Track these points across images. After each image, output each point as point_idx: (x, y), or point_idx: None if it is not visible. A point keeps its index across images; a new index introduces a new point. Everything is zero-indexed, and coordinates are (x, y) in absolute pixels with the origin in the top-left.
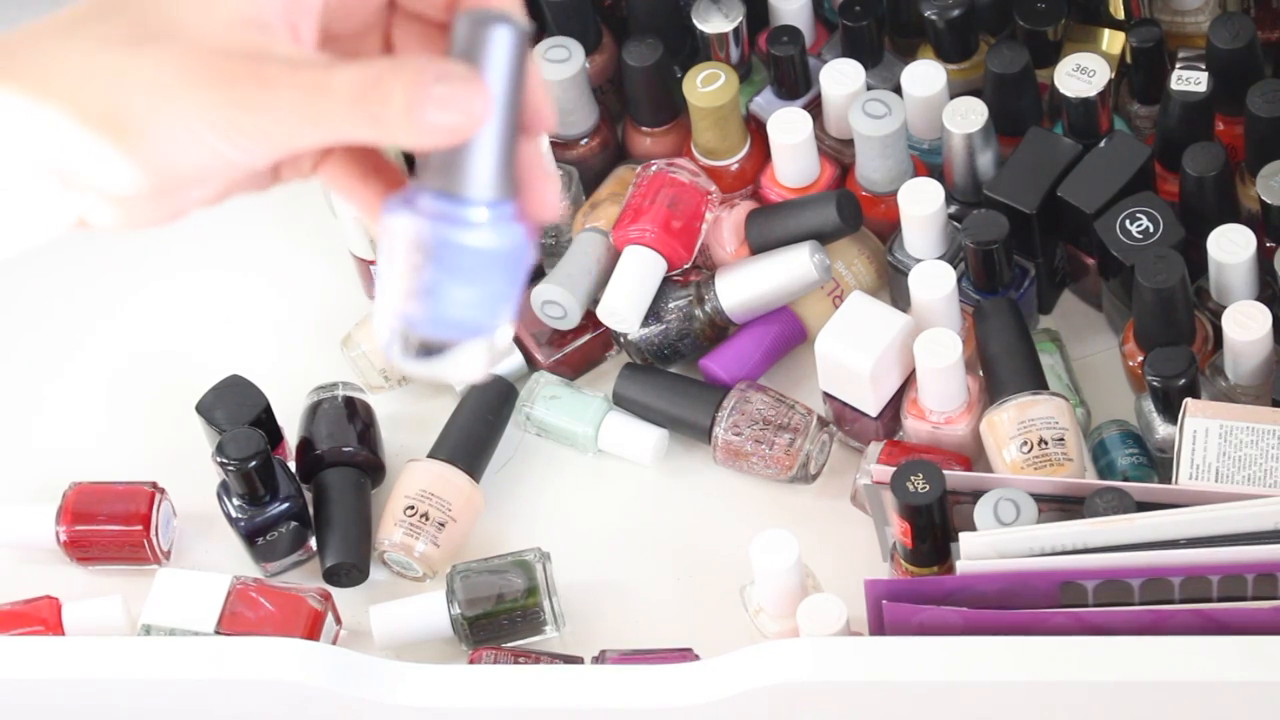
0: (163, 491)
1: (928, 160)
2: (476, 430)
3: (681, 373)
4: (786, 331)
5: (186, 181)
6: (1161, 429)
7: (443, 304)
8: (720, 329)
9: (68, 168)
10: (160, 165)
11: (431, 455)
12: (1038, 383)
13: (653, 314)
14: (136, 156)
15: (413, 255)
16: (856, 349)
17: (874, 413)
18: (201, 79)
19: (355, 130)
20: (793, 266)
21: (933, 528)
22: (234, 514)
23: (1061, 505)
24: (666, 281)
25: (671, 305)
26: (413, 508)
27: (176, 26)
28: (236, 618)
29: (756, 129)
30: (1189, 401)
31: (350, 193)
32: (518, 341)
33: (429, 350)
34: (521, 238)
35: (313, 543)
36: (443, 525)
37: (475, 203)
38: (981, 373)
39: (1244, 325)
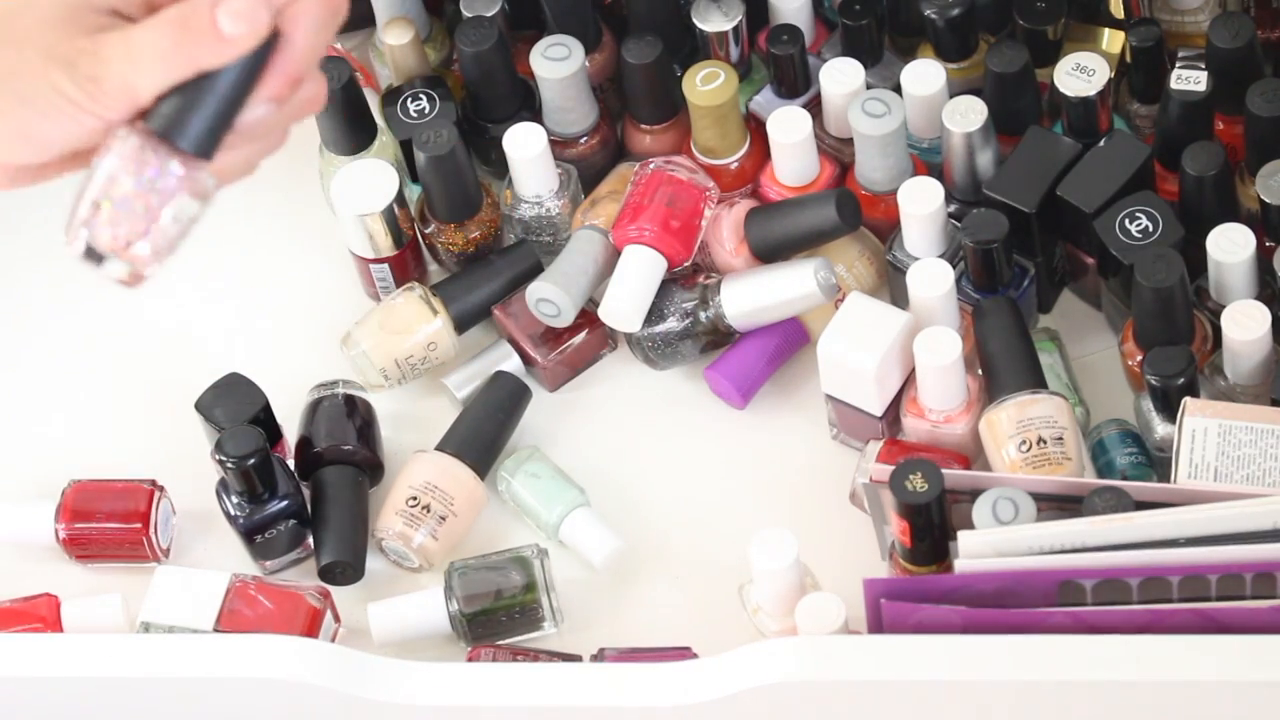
0: (162, 489)
1: (927, 159)
2: (486, 428)
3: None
4: (790, 336)
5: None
6: (1160, 428)
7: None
8: (724, 334)
9: None
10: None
11: (439, 448)
12: (1037, 382)
13: (656, 313)
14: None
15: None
16: (860, 349)
17: (879, 412)
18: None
19: (179, 53)
20: (798, 285)
21: (931, 527)
22: (233, 512)
23: (1060, 504)
24: (673, 282)
25: (676, 306)
26: (415, 499)
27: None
28: (235, 615)
29: (756, 128)
30: (1188, 401)
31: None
32: (513, 342)
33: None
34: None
35: (311, 540)
36: (443, 519)
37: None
38: (980, 371)
39: (1243, 325)
